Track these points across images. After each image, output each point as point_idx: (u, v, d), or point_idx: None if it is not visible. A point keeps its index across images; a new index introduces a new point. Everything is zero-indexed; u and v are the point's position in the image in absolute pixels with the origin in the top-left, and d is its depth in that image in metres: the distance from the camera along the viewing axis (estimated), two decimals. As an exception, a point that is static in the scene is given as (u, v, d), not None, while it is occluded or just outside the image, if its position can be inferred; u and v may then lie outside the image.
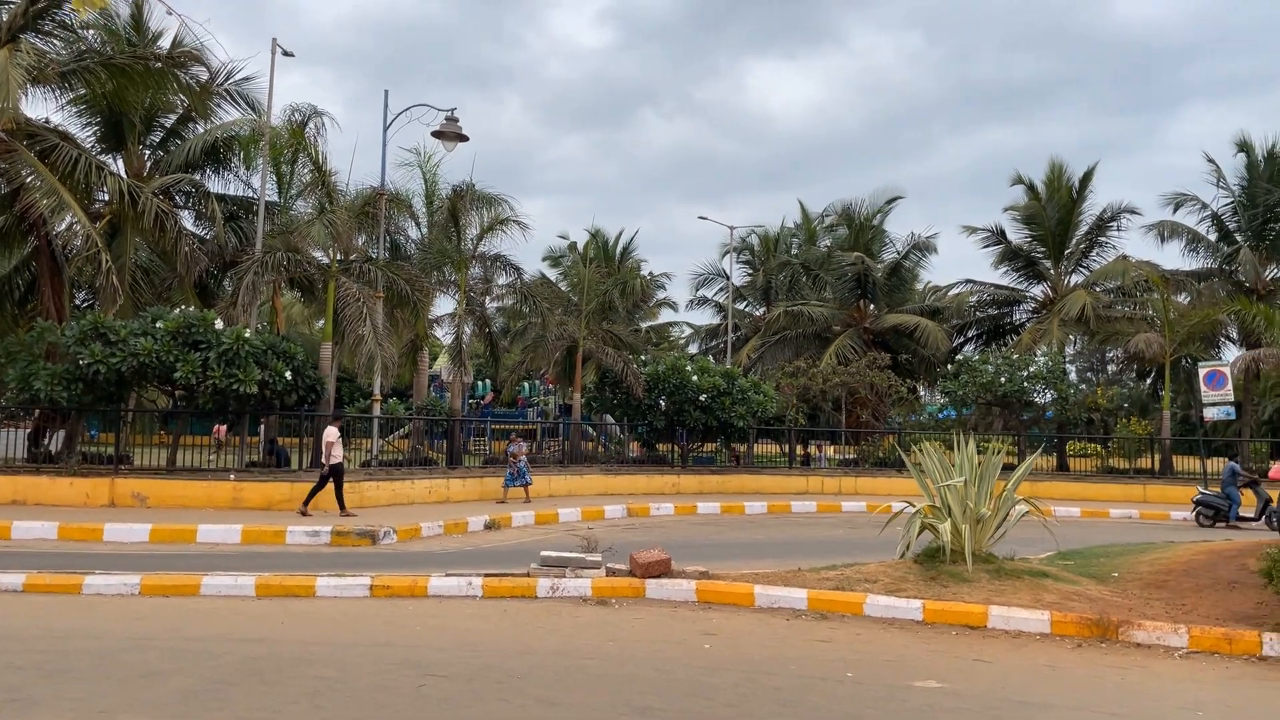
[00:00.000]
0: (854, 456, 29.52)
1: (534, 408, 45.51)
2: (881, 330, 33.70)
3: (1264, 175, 32.31)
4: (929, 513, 10.87)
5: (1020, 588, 10.10)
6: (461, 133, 19.51)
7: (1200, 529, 20.29)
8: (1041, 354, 28.44)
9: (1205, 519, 20.81)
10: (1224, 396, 24.49)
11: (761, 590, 10.32)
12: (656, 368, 25.73)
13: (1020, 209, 33.30)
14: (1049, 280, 33.42)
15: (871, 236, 34.34)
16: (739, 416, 25.10)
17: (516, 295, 25.22)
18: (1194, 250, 33.47)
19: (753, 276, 41.34)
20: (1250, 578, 10.81)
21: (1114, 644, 8.91)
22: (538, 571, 10.87)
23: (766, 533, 18.67)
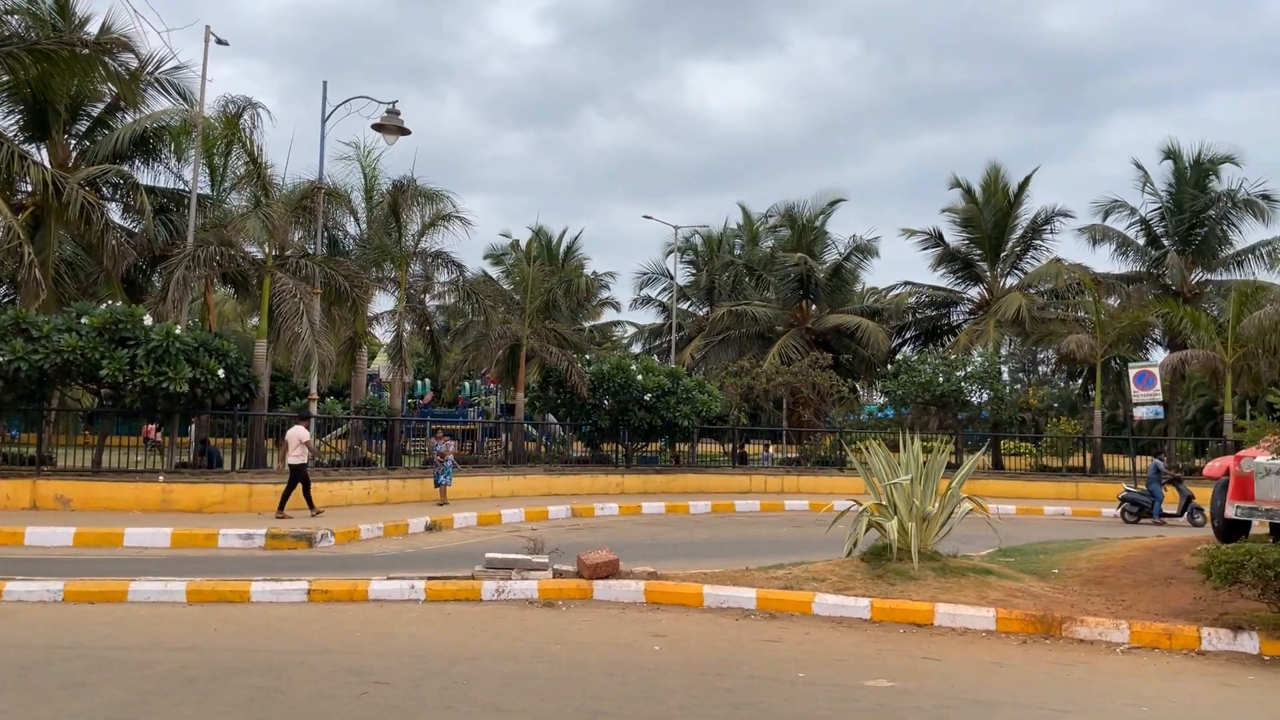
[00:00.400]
0: (795, 456, 29.73)
1: (475, 407, 45.03)
2: (823, 330, 34.01)
3: (1190, 182, 33.29)
4: (875, 511, 10.91)
5: (965, 585, 10.17)
6: (403, 126, 19.13)
7: (1127, 525, 20.76)
8: (978, 354, 28.94)
9: (1130, 515, 21.24)
10: (1153, 396, 25.17)
11: (710, 590, 10.24)
12: (601, 367, 25.58)
13: (958, 212, 33.87)
14: (985, 282, 34.07)
15: (814, 238, 34.63)
16: (684, 416, 25.07)
17: (459, 293, 24.84)
18: (1123, 254, 34.39)
19: (696, 276, 41.44)
20: (1186, 573, 11.06)
21: (1058, 640, 9.01)
22: (483, 574, 10.65)
23: (712, 532, 18.64)
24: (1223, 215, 33.29)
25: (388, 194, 23.17)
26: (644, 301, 42.66)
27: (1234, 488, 11.11)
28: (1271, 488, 10.79)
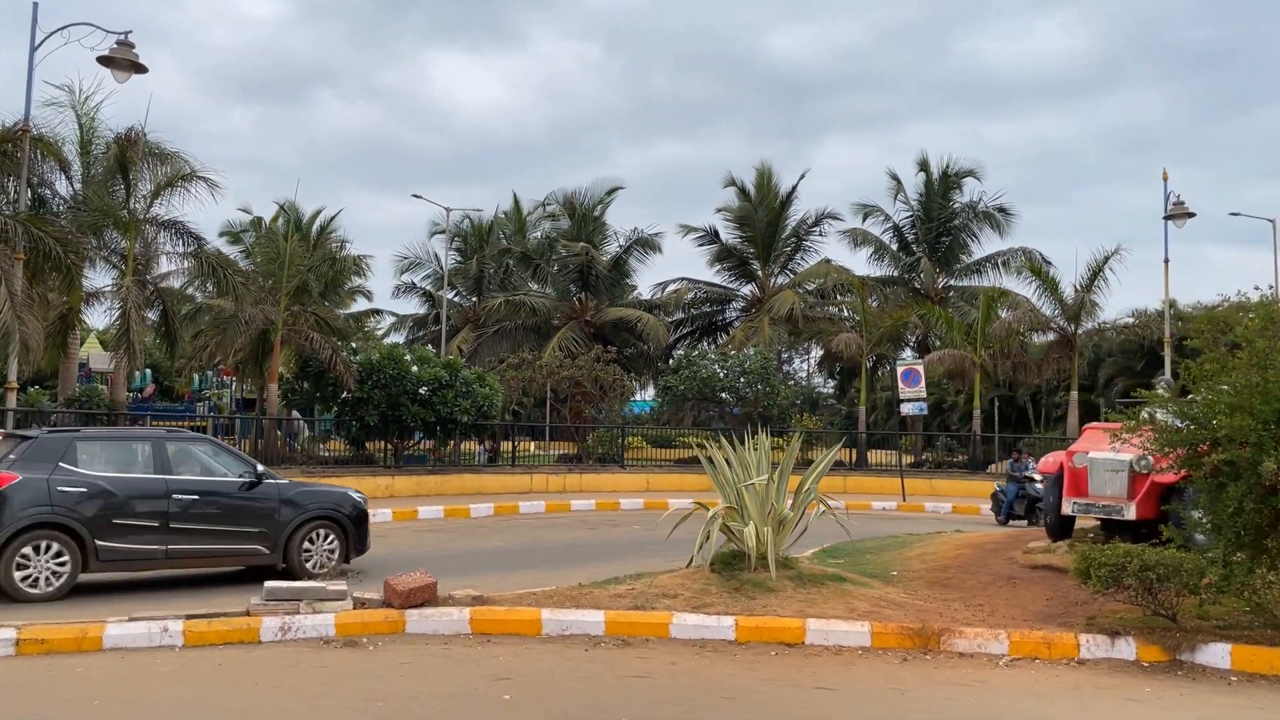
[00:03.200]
0: (575, 453, 28.50)
1: (205, 402, 40.26)
2: (603, 324, 33.07)
3: (938, 192, 35.43)
4: (728, 515, 9.78)
5: (829, 596, 9.26)
6: (138, 61, 15.90)
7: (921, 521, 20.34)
8: (754, 350, 29.07)
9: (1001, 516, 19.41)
10: (918, 393, 26.14)
11: (550, 615, 8.68)
12: (370, 357, 23.09)
13: (733, 211, 34.11)
14: (758, 280, 34.53)
15: (593, 228, 33.61)
16: (463, 411, 23.12)
17: (201, 268, 21.44)
18: (879, 258, 36.07)
19: (464, 265, 39.23)
20: (1025, 573, 10.81)
21: (937, 655, 8.25)
22: (261, 608, 8.46)
23: (504, 538, 16.97)
24: (965, 225, 35.69)
25: (113, 145, 19.50)
26: (407, 289, 39.89)
27: (1068, 483, 11.01)
28: (1106, 483, 10.75)
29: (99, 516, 10.14)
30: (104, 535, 10.13)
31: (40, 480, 9.96)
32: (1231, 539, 8.09)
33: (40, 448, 10.30)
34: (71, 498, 10.05)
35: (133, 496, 10.41)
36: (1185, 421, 8.86)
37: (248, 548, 11.13)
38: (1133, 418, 9.36)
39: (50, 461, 10.14)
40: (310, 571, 11.12)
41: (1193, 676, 7.78)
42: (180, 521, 10.58)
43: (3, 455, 10.28)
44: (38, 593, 9.75)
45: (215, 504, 10.89)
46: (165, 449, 10.93)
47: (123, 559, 10.36)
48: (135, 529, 10.34)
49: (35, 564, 9.83)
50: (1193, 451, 8.67)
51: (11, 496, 9.78)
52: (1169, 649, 8.13)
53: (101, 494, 10.24)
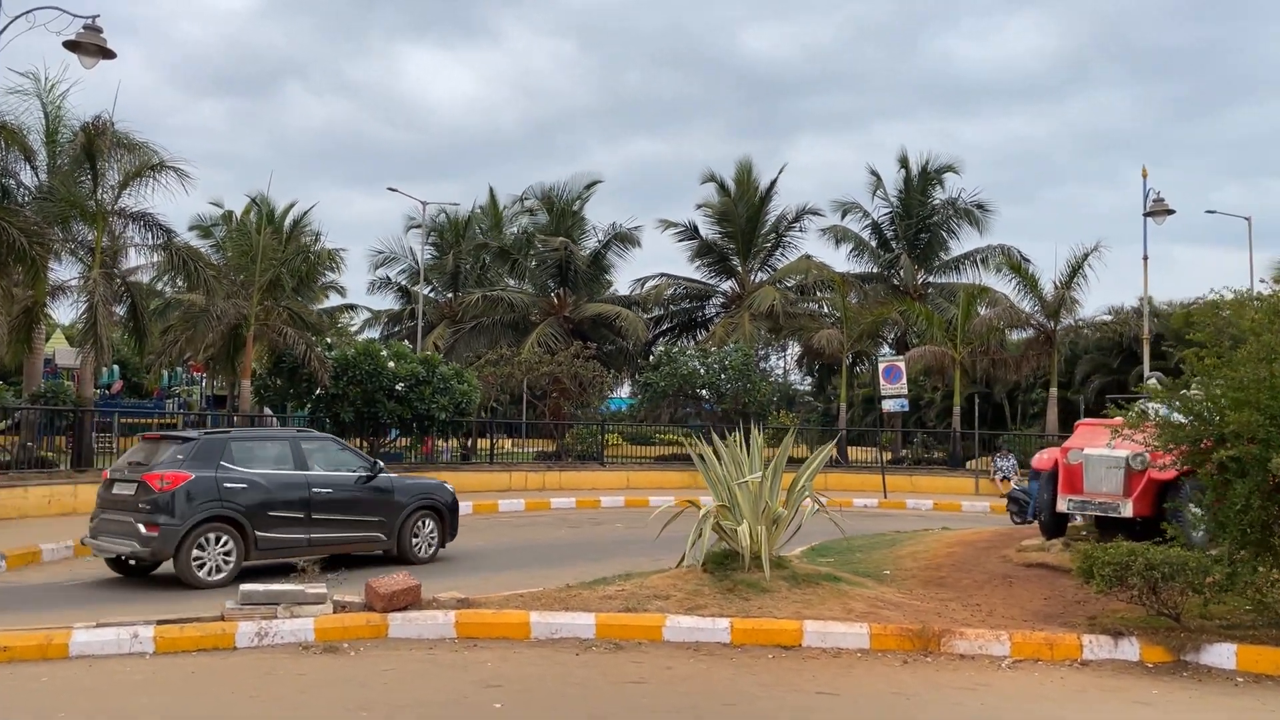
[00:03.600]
0: (553, 450, 28.13)
1: (174, 399, 39.51)
2: (581, 320, 32.70)
3: (918, 189, 35.36)
4: (720, 513, 9.52)
5: (824, 596, 9.02)
6: (106, 46, 15.36)
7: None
8: (733, 347, 28.85)
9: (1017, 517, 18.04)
10: (899, 390, 26.05)
11: (538, 618, 8.37)
12: (346, 352, 22.63)
13: (713, 206, 33.85)
14: (738, 276, 34.29)
15: (572, 223, 33.21)
16: (440, 408, 22.72)
17: (172, 261, 20.85)
18: (859, 255, 35.96)
19: (440, 260, 38.72)
20: (1020, 571, 10.64)
21: (938, 656, 8.03)
22: (236, 612, 8.09)
23: (485, 538, 16.60)
24: (944, 222, 35.65)
25: (80, 134, 18.90)
26: (382, 284, 39.29)
27: (1063, 480, 10.84)
28: (1101, 480, 10.59)
29: (257, 509, 11.07)
30: (261, 526, 11.09)
31: (210, 478, 10.83)
32: (1237, 536, 7.93)
33: (204, 448, 11.10)
34: (234, 493, 10.96)
35: (282, 490, 11.36)
36: (1189, 417, 8.69)
37: (371, 535, 12.26)
38: (1131, 413, 9.15)
39: (214, 460, 11.00)
40: (418, 557, 12.56)
41: (1198, 678, 7.61)
42: (319, 512, 11.60)
43: (170, 455, 10.94)
44: (212, 580, 10.61)
45: (345, 496, 11.95)
46: (302, 447, 11.98)
47: (276, 548, 11.26)
48: (285, 520, 11.32)
49: (208, 553, 10.73)
50: (1196, 447, 8.51)
51: (188, 493, 10.63)
52: (1173, 649, 7.96)
53: (258, 489, 11.15)
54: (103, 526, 11.10)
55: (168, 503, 10.54)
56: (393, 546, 12.46)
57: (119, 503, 11.00)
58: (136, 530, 10.53)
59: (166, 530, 10.46)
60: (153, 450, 11.30)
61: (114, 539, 10.88)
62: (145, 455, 11.26)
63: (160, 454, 11.08)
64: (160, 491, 10.57)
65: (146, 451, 11.38)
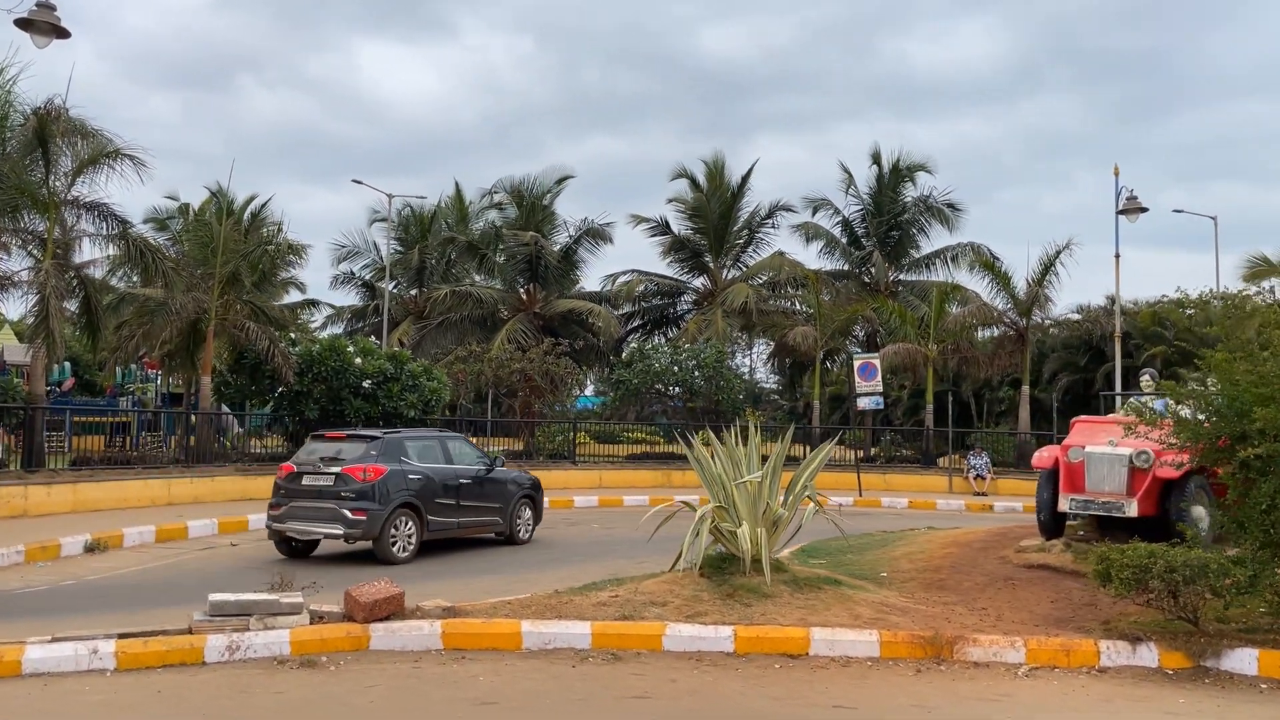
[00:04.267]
0: (522, 449, 27.56)
1: (128, 397, 38.31)
2: (552, 316, 32.10)
3: (889, 186, 35.21)
4: (718, 515, 9.09)
5: (828, 601, 8.63)
6: (59, 25, 14.56)
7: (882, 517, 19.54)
8: (708, 344, 28.50)
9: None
10: (874, 387, 25.87)
11: (530, 627, 7.88)
12: (311, 348, 21.89)
13: (685, 202, 33.42)
14: (710, 272, 33.90)
15: (542, 218, 32.58)
16: (409, 406, 22.05)
17: (128, 253, 19.97)
18: (830, 252, 35.75)
19: (405, 255, 37.91)
20: (1021, 573, 10.33)
21: (951, 665, 7.67)
22: (205, 624, 7.51)
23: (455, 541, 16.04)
24: (915, 220, 35.56)
25: (31, 118, 18.01)
26: (345, 279, 38.37)
27: (1064, 479, 10.56)
28: (1104, 478, 10.32)
29: (428, 497, 12.90)
30: (431, 511, 12.91)
31: (399, 470, 12.59)
32: (1259, 537, 7.67)
33: (390, 446, 12.83)
34: (414, 483, 12.71)
35: (442, 481, 13.21)
36: (1205, 414, 8.42)
37: (492, 519, 14.10)
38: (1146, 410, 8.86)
39: (397, 456, 12.75)
40: (520, 538, 14.50)
41: (1221, 685, 7.34)
42: (465, 499, 13.48)
43: (364, 452, 12.65)
44: (402, 557, 12.36)
45: (479, 485, 13.81)
46: (446, 444, 13.96)
47: (439, 529, 13.12)
48: (445, 506, 13.18)
49: (399, 534, 12.43)
50: (1213, 445, 8.24)
51: (387, 483, 12.33)
52: (1192, 655, 7.68)
53: (428, 480, 12.96)
54: (294, 513, 12.47)
55: (371, 491, 12.20)
56: (505, 529, 14.35)
57: (315, 492, 12.44)
58: (342, 515, 12.09)
59: (372, 515, 12.14)
60: (338, 447, 12.90)
61: (313, 524, 12.35)
62: (334, 451, 12.78)
63: (352, 451, 12.69)
64: (364, 482, 12.21)
65: (332, 448, 12.90)
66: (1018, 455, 29.75)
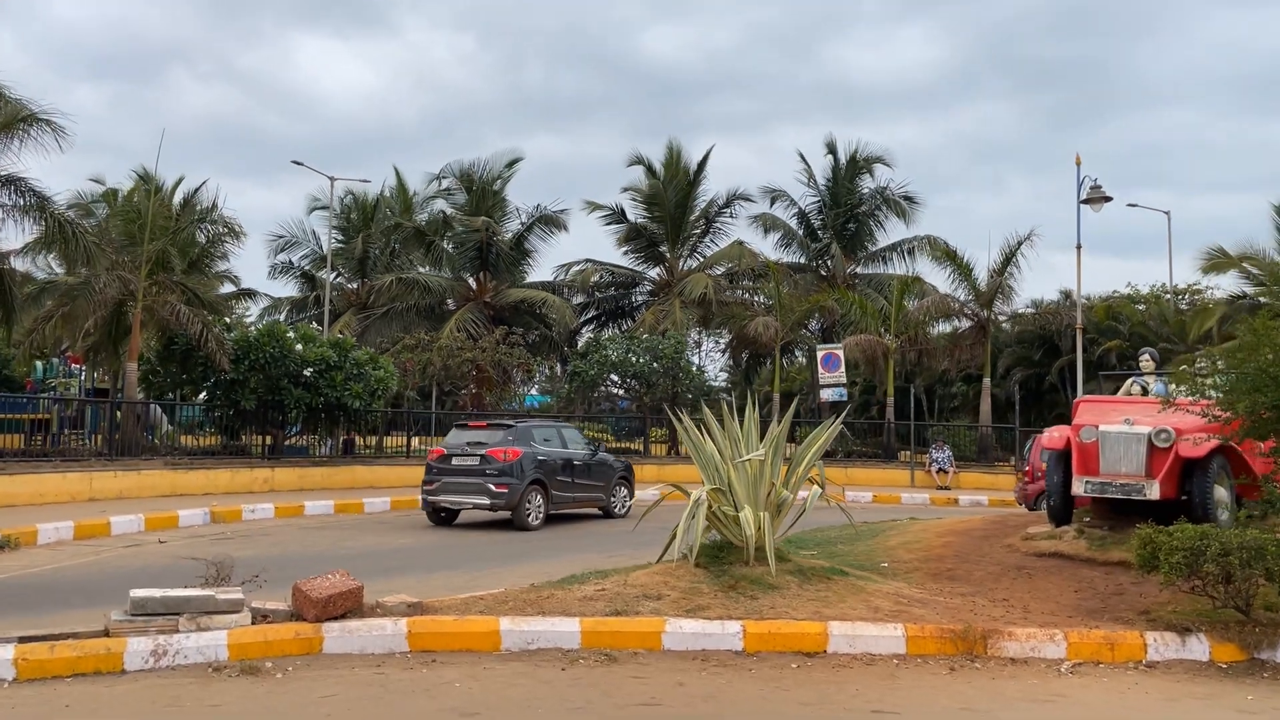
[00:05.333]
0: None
1: (50, 393, 36.18)
2: (503, 306, 30.81)
3: (846, 178, 34.69)
4: (714, 498, 8.16)
5: (841, 593, 7.75)
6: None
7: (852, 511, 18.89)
8: (666, 335, 27.61)
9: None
10: (838, 379, 25.27)
11: (510, 625, 6.86)
12: (247, 334, 20.47)
13: (640, 190, 32.45)
14: (667, 263, 32.98)
15: (493, 204, 31.26)
16: (354, 395, 20.74)
17: (48, 231, 18.32)
18: (787, 244, 35.12)
19: (347, 244, 36.32)
20: (1033, 561, 9.59)
21: (987, 661, 6.85)
22: (125, 625, 6.34)
23: (409, 535, 14.88)
24: (871, 212, 35.09)
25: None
26: (283, 269, 36.59)
27: (1077, 460, 9.82)
28: (1120, 458, 9.59)
29: (551, 475, 15.34)
30: (554, 487, 15.35)
31: (530, 453, 15.04)
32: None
33: (522, 432, 15.53)
34: (541, 464, 15.15)
35: (561, 462, 15.68)
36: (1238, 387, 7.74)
37: (597, 495, 16.49)
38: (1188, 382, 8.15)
39: (528, 441, 15.29)
40: (617, 512, 16.56)
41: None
42: (578, 478, 15.94)
43: (503, 437, 15.17)
44: (534, 525, 14.78)
45: (586, 466, 16.25)
46: (562, 432, 16.76)
47: (559, 502, 15.50)
48: (564, 483, 15.62)
49: (531, 505, 14.86)
50: (1257, 418, 7.54)
51: (522, 463, 14.78)
52: (1246, 647, 6.97)
53: (551, 461, 15.43)
54: (446, 488, 15.14)
55: (511, 469, 14.70)
56: (607, 505, 16.62)
57: (465, 471, 15.01)
58: (488, 489, 14.63)
59: (512, 488, 14.59)
60: (481, 434, 15.47)
61: (463, 496, 14.97)
62: (478, 437, 15.34)
63: (492, 436, 15.26)
64: (505, 461, 14.71)
65: (475, 435, 15.50)
66: (979, 449, 29.44)
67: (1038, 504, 18.79)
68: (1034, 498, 18.87)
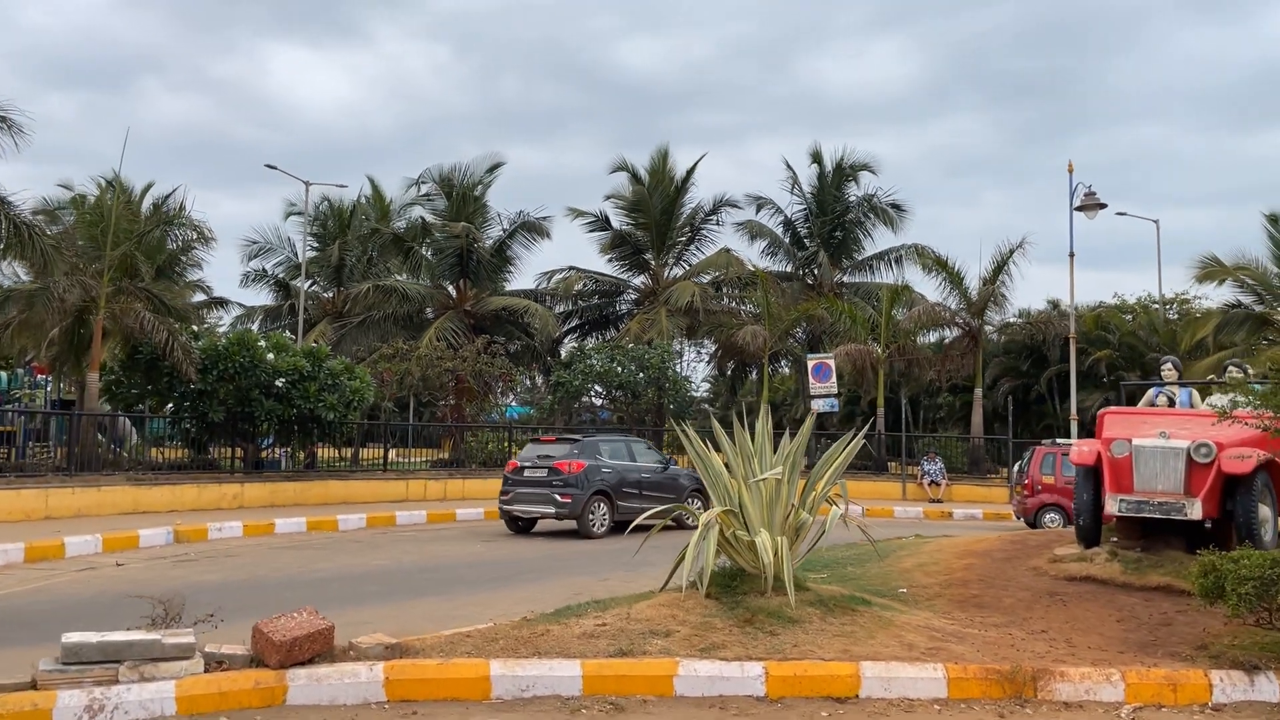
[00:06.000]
0: (449, 457, 25.45)
1: (15, 404, 34.96)
2: (484, 314, 29.90)
3: (832, 185, 34.13)
4: (725, 521, 7.39)
5: (869, 627, 6.99)
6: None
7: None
8: (652, 345, 26.86)
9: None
10: (829, 388, 24.61)
11: (502, 669, 6.04)
12: (217, 343, 19.52)
13: (624, 198, 31.70)
14: (652, 270, 32.21)
15: (473, 209, 30.35)
16: (328, 407, 19.82)
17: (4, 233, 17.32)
18: (773, 253, 34.51)
19: (322, 252, 35.30)
20: (1065, 587, 8.85)
21: (1038, 705, 6.11)
22: (56, 676, 5.47)
23: (387, 555, 14.02)
24: (858, 220, 34.54)
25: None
26: (257, 277, 35.52)
27: (1110, 477, 9.11)
28: (1156, 475, 8.90)
29: (617, 486, 16.11)
30: (620, 498, 16.00)
31: (595, 465, 15.99)
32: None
33: (588, 446, 16.37)
34: (606, 476, 16.06)
35: (628, 475, 16.41)
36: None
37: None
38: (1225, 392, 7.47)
39: (593, 454, 16.18)
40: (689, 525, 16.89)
41: (1367, 723, 5.91)
42: (647, 490, 16.35)
43: (569, 450, 16.13)
44: (598, 533, 15.61)
45: (657, 480, 16.75)
46: (631, 446, 17.36)
47: (627, 513, 15.26)
48: (630, 495, 16.15)
49: (595, 515, 15.70)
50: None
51: (586, 475, 15.70)
52: (1321, 686, 6.25)
53: (616, 473, 16.25)
54: (519, 498, 16.12)
55: (575, 481, 15.67)
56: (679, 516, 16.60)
57: (533, 482, 16.01)
58: (553, 499, 15.61)
59: (575, 498, 15.57)
60: (549, 448, 16.54)
61: (532, 505, 15.94)
62: (547, 451, 16.38)
63: (559, 450, 16.29)
64: (569, 473, 15.71)
65: (545, 449, 16.54)
66: (970, 461, 28.84)
67: (1038, 519, 18.27)
68: (1033, 512, 18.33)
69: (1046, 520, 17.92)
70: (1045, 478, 18.03)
